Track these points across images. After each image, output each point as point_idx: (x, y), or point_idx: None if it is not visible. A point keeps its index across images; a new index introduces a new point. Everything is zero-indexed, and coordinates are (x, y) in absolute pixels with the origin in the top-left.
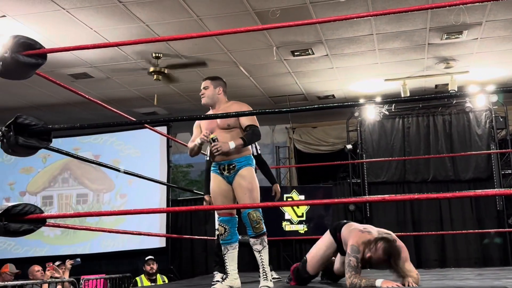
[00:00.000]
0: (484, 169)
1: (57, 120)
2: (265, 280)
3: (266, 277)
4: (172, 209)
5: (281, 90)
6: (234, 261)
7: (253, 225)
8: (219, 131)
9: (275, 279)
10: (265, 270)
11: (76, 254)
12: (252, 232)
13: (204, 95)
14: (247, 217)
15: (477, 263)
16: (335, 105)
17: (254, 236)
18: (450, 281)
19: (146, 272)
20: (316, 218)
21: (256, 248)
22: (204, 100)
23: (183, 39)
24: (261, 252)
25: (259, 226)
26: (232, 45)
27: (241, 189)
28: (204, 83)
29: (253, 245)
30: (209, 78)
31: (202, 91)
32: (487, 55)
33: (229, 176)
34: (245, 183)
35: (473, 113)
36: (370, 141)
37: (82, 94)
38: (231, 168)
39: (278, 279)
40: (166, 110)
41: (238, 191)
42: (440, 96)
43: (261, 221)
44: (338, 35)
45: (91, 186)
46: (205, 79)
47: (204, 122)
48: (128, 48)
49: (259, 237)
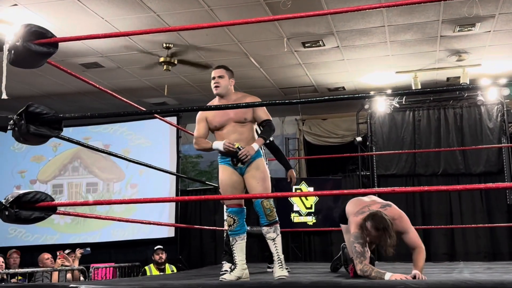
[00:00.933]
0: (495, 162)
1: (68, 109)
2: (280, 268)
3: (282, 265)
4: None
5: (291, 82)
6: (242, 252)
7: (266, 213)
8: (233, 124)
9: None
10: (280, 259)
11: (86, 242)
12: (266, 220)
13: (219, 84)
14: (261, 206)
15: (486, 257)
16: (345, 96)
17: (267, 224)
18: (459, 274)
19: (155, 261)
20: (324, 210)
21: (270, 236)
22: (219, 90)
23: (194, 29)
24: (275, 240)
25: (272, 214)
26: (243, 36)
27: (254, 179)
28: (219, 72)
29: (267, 233)
30: (223, 67)
31: (217, 79)
32: (499, 48)
33: (242, 167)
34: (258, 173)
35: (485, 106)
36: (380, 133)
37: (93, 84)
38: (244, 161)
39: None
40: (176, 101)
41: (251, 181)
42: (452, 89)
43: (274, 209)
44: (349, 27)
45: (101, 175)
46: (218, 67)
47: (212, 115)
48: (139, 38)
49: (272, 225)
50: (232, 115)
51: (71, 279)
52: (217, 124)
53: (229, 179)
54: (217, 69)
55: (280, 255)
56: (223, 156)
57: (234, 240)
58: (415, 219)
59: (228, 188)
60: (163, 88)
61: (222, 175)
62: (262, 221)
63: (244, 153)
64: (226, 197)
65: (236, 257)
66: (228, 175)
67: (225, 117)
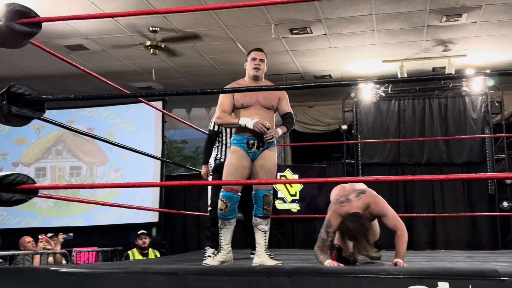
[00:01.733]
0: (478, 153)
1: (51, 92)
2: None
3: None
4: (166, 184)
5: (278, 69)
6: (229, 236)
7: (264, 207)
8: (259, 107)
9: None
10: (267, 250)
11: (68, 226)
12: (262, 213)
13: (260, 67)
14: (262, 198)
15: (467, 246)
16: (332, 83)
17: (263, 217)
18: (440, 262)
19: (138, 246)
20: (309, 198)
21: (262, 228)
22: (259, 73)
23: (180, 12)
24: (267, 233)
25: (270, 209)
26: (230, 21)
27: (264, 170)
28: (262, 55)
29: (259, 224)
30: (264, 52)
31: (258, 62)
32: (485, 39)
33: (256, 152)
34: (270, 164)
35: (469, 97)
36: (366, 122)
37: (77, 66)
38: (260, 146)
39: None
40: (162, 85)
41: (261, 171)
42: (437, 77)
43: (271, 205)
44: (337, 14)
45: (84, 159)
46: (260, 50)
47: (241, 94)
48: (125, 21)
49: (266, 218)
50: (260, 98)
51: (53, 263)
52: (244, 103)
53: (238, 162)
54: (259, 51)
55: (267, 247)
56: (239, 137)
57: (223, 224)
58: (398, 208)
59: (235, 171)
60: (149, 72)
61: (232, 157)
62: (257, 212)
63: (271, 134)
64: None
65: (222, 240)
66: (238, 158)
67: (253, 98)
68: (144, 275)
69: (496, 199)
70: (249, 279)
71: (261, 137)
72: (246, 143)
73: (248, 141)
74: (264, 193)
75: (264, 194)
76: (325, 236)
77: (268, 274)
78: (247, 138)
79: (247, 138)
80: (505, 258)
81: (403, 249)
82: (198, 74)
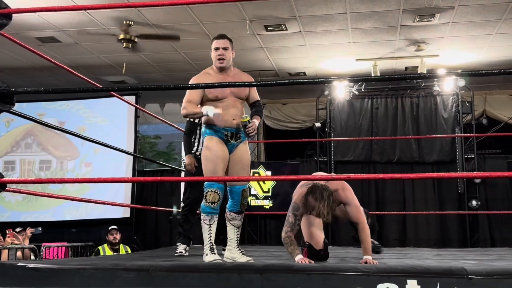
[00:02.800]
0: (448, 152)
1: (22, 84)
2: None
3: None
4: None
5: (253, 65)
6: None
7: (242, 202)
8: (233, 98)
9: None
10: (239, 246)
11: (38, 221)
12: (238, 208)
13: (224, 57)
14: (241, 193)
15: (436, 244)
16: (306, 81)
17: (238, 212)
18: (410, 260)
19: (109, 241)
20: (281, 194)
21: (236, 224)
22: (224, 63)
23: (154, 6)
24: (239, 229)
25: (246, 205)
26: (205, 16)
27: (241, 163)
28: (224, 42)
29: (233, 220)
30: (227, 38)
31: (221, 51)
32: (457, 39)
33: (234, 144)
34: (247, 158)
35: (441, 96)
36: (339, 120)
37: (48, 58)
38: (237, 138)
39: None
40: (135, 80)
41: (238, 164)
42: (410, 77)
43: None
44: (312, 12)
45: (55, 152)
46: (223, 36)
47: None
48: (99, 14)
49: (241, 213)
50: (234, 89)
51: (21, 258)
52: (218, 95)
53: (222, 152)
54: (221, 38)
55: (239, 242)
56: (214, 127)
57: (212, 219)
58: (370, 205)
59: (220, 162)
60: (122, 66)
61: (215, 147)
62: (233, 208)
63: (253, 127)
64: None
65: (212, 239)
66: (221, 148)
67: (227, 90)
68: (114, 271)
69: (465, 197)
70: (220, 276)
71: (237, 129)
72: (225, 134)
73: (227, 132)
74: (243, 188)
75: (243, 189)
76: (292, 220)
77: (238, 271)
78: (226, 129)
79: (226, 129)
80: (473, 256)
81: (368, 243)
82: (173, 69)
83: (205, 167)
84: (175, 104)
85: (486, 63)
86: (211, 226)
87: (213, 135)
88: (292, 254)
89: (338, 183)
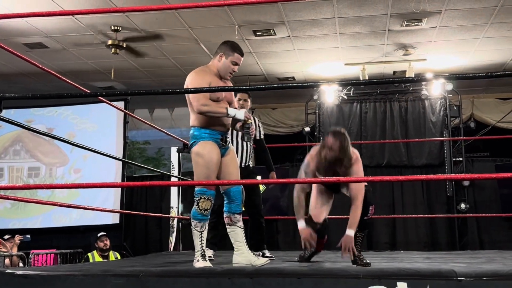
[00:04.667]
0: (436, 155)
1: (9, 91)
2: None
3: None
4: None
5: (242, 70)
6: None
7: (243, 201)
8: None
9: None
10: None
11: (26, 228)
12: (241, 208)
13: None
14: (241, 193)
15: (426, 247)
16: (295, 85)
17: (241, 213)
18: (399, 263)
19: (99, 248)
20: (272, 199)
21: (241, 225)
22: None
23: (143, 11)
24: (243, 229)
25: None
26: (194, 21)
27: (234, 164)
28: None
29: (238, 222)
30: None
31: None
32: (445, 43)
33: (227, 147)
34: (236, 159)
35: (429, 100)
36: (328, 124)
37: (36, 64)
38: (227, 142)
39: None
40: (124, 85)
41: (232, 166)
42: (398, 81)
43: None
44: (300, 17)
45: (43, 159)
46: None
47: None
48: (86, 19)
49: (241, 214)
50: (227, 94)
51: (9, 265)
52: (219, 97)
53: (216, 157)
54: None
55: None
56: (213, 132)
57: (204, 226)
58: None
59: (215, 168)
60: (111, 72)
61: (212, 153)
62: (236, 209)
63: (253, 129)
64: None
65: (204, 244)
66: (218, 154)
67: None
68: (103, 277)
69: (454, 200)
70: (210, 281)
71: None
72: (220, 139)
73: (222, 137)
74: (241, 188)
75: (242, 189)
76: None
77: (229, 275)
78: (221, 134)
79: (221, 133)
80: (462, 259)
81: (355, 219)
82: (161, 75)
83: (199, 173)
84: (164, 109)
85: (473, 67)
86: (203, 232)
87: (208, 140)
88: (297, 218)
89: (354, 151)
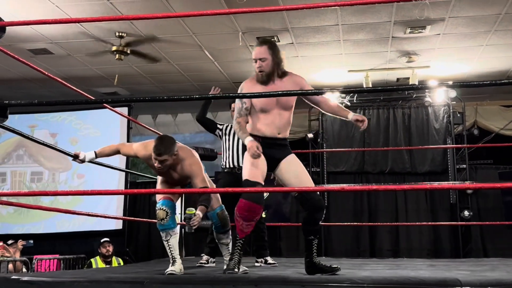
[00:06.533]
0: (440, 162)
1: (14, 96)
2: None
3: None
4: (130, 191)
5: (245, 76)
6: (177, 247)
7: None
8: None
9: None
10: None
11: (29, 233)
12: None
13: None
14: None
15: (429, 254)
16: (298, 92)
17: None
18: (403, 271)
19: (102, 254)
20: (274, 205)
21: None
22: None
23: (148, 18)
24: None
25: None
26: (198, 28)
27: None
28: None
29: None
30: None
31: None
32: (448, 51)
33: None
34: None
35: (432, 107)
36: (331, 131)
37: (41, 70)
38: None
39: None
40: (127, 91)
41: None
42: (401, 88)
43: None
44: (304, 24)
45: (46, 164)
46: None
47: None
48: (91, 26)
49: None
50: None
51: (12, 271)
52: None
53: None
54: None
55: None
56: None
57: (169, 235)
58: (362, 216)
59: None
60: (114, 78)
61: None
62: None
63: (197, 219)
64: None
65: (174, 251)
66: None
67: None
68: (108, 284)
69: (458, 208)
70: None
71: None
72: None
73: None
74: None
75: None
76: (239, 105)
77: (233, 282)
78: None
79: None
80: (466, 267)
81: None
82: (165, 81)
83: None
84: (167, 115)
85: (477, 74)
86: (169, 241)
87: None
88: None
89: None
